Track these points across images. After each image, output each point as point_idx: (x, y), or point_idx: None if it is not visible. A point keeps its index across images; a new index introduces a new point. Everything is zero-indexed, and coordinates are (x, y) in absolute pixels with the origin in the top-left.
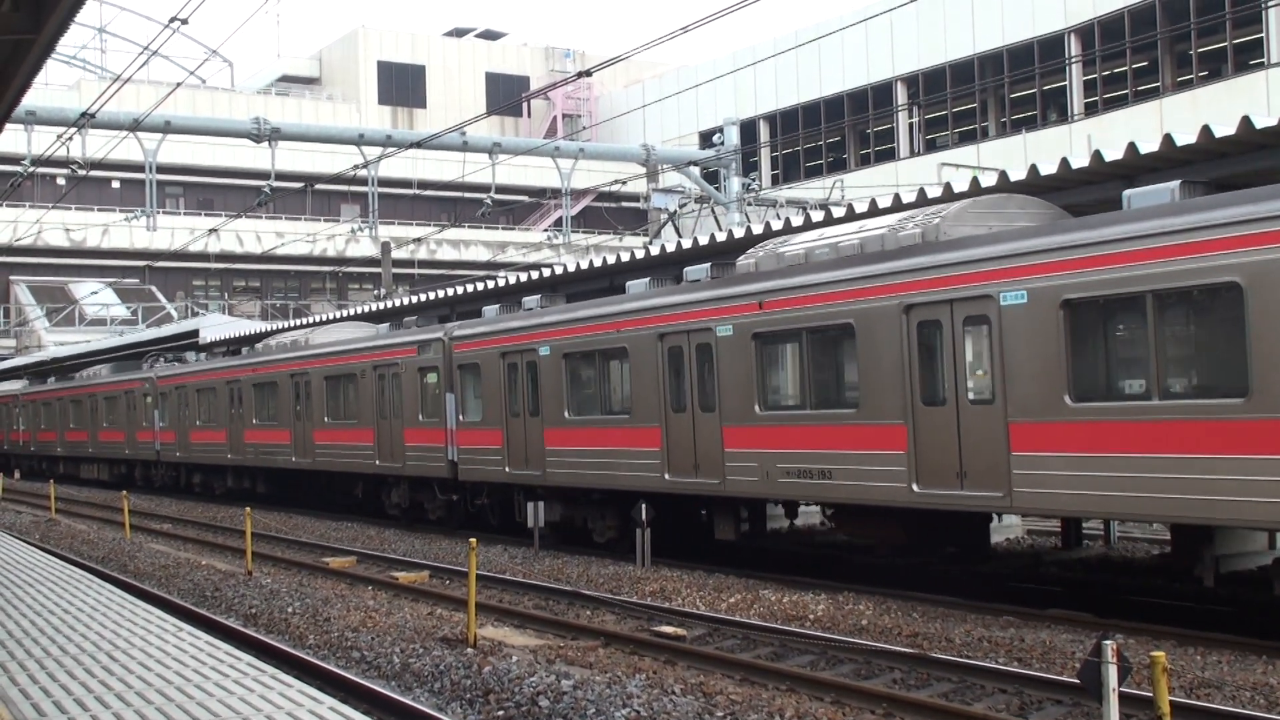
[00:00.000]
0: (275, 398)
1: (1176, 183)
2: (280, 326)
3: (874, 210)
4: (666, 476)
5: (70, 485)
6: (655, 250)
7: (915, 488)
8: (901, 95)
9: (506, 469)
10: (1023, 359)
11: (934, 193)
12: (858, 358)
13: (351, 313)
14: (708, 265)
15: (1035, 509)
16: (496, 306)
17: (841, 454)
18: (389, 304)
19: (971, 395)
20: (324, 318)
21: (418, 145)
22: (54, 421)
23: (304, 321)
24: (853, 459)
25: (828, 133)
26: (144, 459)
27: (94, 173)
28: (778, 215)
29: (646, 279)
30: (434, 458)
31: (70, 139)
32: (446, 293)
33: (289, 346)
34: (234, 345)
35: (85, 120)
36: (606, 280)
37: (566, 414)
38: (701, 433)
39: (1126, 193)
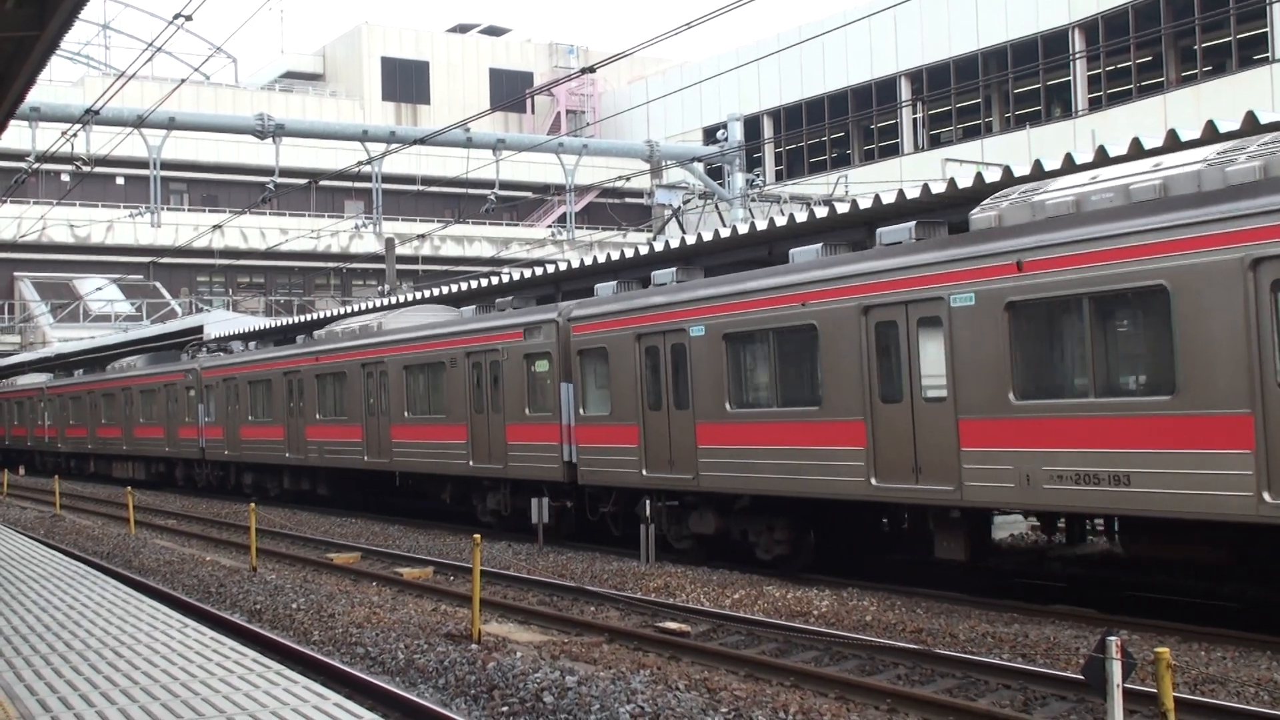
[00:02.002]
0: (343, 390)
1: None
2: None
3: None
4: (873, 481)
5: (87, 482)
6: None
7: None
8: (905, 91)
9: (644, 471)
10: None
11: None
12: (1178, 327)
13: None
14: (910, 224)
15: None
16: (613, 284)
17: (1148, 454)
18: (474, 284)
19: None
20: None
21: (421, 142)
22: (83, 417)
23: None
24: (1177, 460)
25: (832, 128)
26: (187, 457)
27: (98, 169)
28: (781, 211)
29: (818, 245)
30: (545, 458)
31: (74, 135)
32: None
33: (357, 333)
34: (285, 334)
35: (89, 117)
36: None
37: (728, 406)
38: (926, 428)
39: None
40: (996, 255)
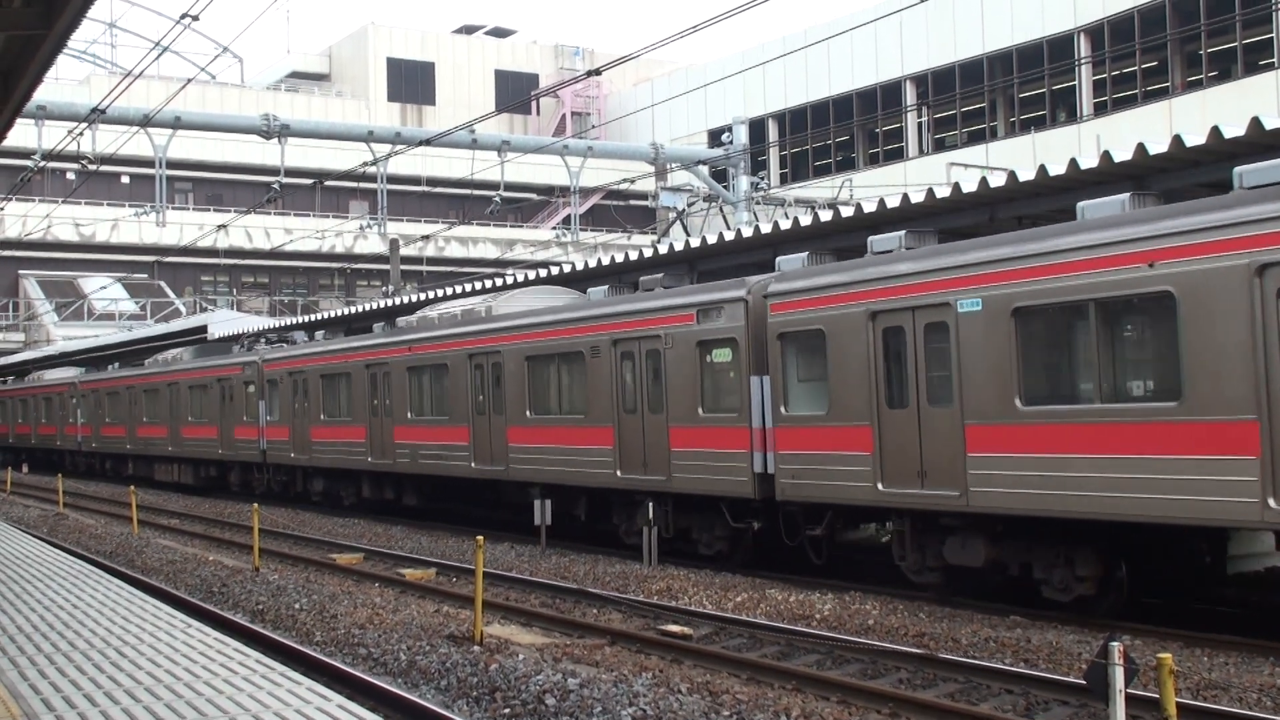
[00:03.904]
0: (444, 384)
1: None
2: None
3: None
4: (1273, 504)
5: (90, 481)
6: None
7: None
8: (910, 95)
9: (879, 485)
10: None
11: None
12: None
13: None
14: None
15: None
16: (802, 255)
17: None
18: (599, 261)
19: None
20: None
21: (427, 143)
22: (121, 414)
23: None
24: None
25: (836, 132)
26: (244, 460)
27: (104, 168)
28: (786, 215)
29: (1123, 196)
30: (726, 469)
31: (80, 134)
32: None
33: (460, 319)
34: (354, 323)
35: (95, 115)
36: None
37: (1018, 403)
38: None
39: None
40: None
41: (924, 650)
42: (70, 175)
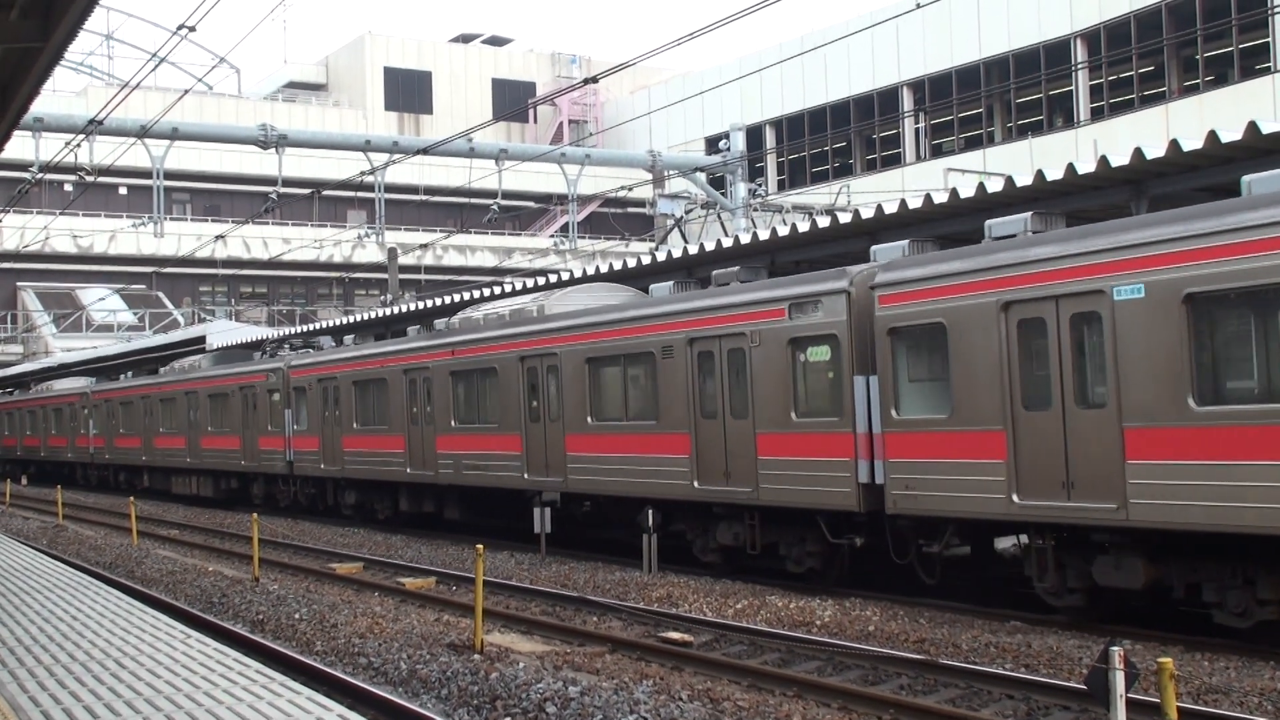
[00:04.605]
0: (492, 389)
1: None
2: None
3: None
4: None
5: (90, 493)
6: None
7: None
8: (907, 101)
9: (1014, 497)
10: None
11: None
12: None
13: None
14: None
15: None
16: (900, 244)
17: None
18: (657, 257)
19: None
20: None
21: (424, 152)
22: (136, 425)
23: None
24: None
25: (834, 138)
26: (269, 472)
27: (101, 179)
28: (784, 221)
29: None
30: (826, 478)
31: (78, 145)
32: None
33: (508, 319)
34: (395, 324)
35: (93, 127)
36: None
37: (1192, 402)
38: None
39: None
40: None
41: (925, 656)
42: (68, 187)
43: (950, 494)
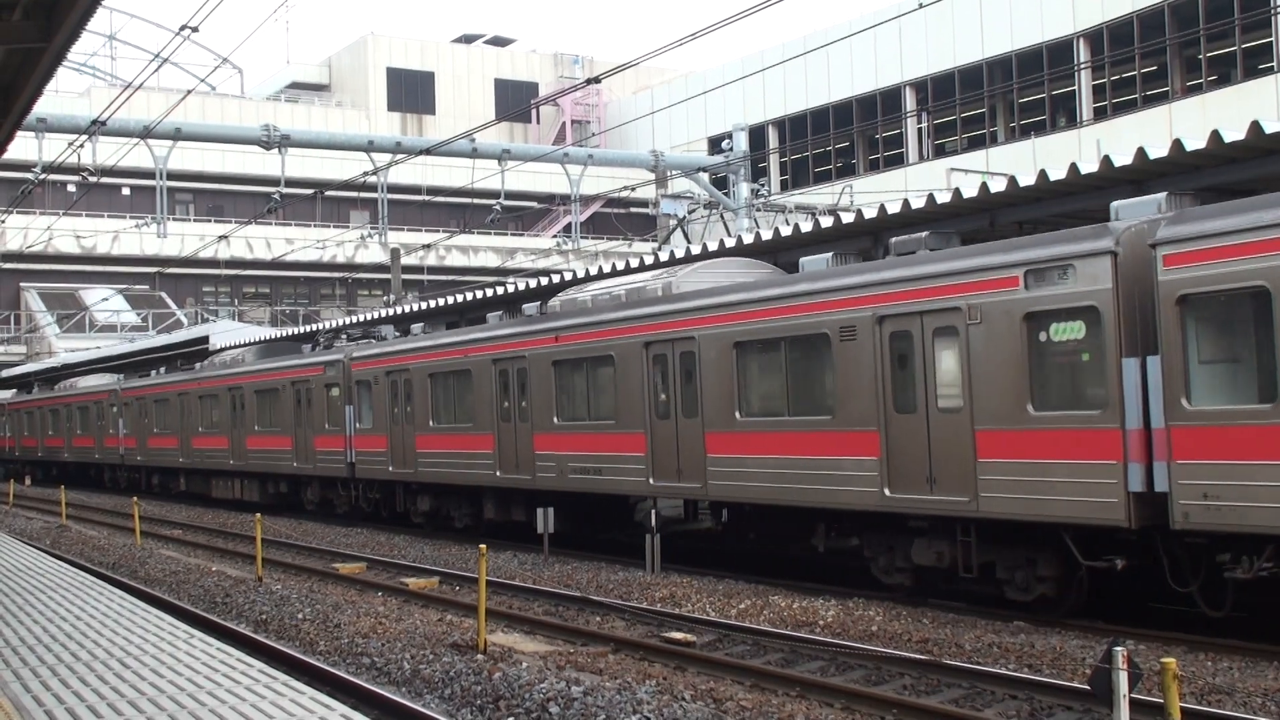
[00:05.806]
0: (607, 381)
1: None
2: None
3: None
4: None
5: (94, 493)
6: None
7: None
8: (910, 101)
9: None
10: None
11: None
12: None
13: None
14: None
15: None
16: (1156, 198)
17: None
18: (795, 227)
19: None
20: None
21: (427, 152)
22: (170, 424)
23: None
24: None
25: (836, 138)
26: (326, 475)
27: (104, 180)
28: (786, 221)
29: None
30: (1080, 485)
31: (81, 146)
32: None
33: (624, 300)
34: (471, 311)
35: (96, 127)
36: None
37: None
38: None
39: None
40: None
41: (928, 656)
42: (71, 187)
43: (1276, 505)
